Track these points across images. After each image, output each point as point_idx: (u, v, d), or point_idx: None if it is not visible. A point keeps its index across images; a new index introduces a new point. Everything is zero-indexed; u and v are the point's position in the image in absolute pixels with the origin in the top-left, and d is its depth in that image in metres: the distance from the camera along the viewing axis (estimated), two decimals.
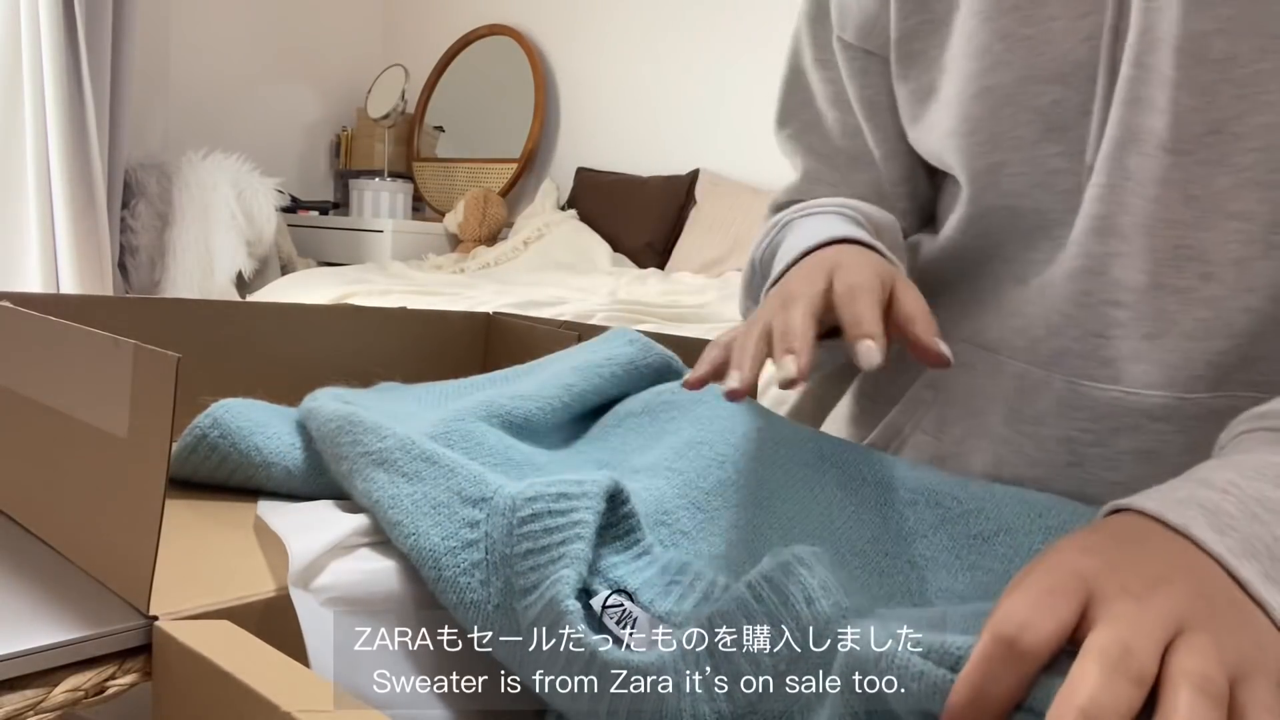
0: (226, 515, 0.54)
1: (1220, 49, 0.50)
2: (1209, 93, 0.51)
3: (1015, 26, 0.56)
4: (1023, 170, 0.58)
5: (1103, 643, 0.30)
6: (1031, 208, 0.58)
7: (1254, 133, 0.51)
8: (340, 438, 0.54)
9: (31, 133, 2.61)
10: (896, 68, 0.64)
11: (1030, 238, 0.59)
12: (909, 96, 0.64)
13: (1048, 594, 0.32)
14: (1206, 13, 0.51)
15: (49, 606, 0.41)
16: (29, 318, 0.50)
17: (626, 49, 3.24)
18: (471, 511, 0.46)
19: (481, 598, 0.43)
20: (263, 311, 0.83)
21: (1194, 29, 0.51)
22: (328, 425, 0.56)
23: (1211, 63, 0.51)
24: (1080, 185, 0.56)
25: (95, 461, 0.44)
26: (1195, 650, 0.31)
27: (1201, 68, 0.51)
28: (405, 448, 0.51)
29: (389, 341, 0.89)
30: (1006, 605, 0.32)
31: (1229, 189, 0.52)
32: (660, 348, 0.70)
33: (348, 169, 3.64)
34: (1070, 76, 0.55)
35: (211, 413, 0.58)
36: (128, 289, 2.85)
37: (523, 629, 0.42)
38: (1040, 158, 0.57)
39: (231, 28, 3.39)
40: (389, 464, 0.51)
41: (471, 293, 2.18)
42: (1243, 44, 0.50)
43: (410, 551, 0.46)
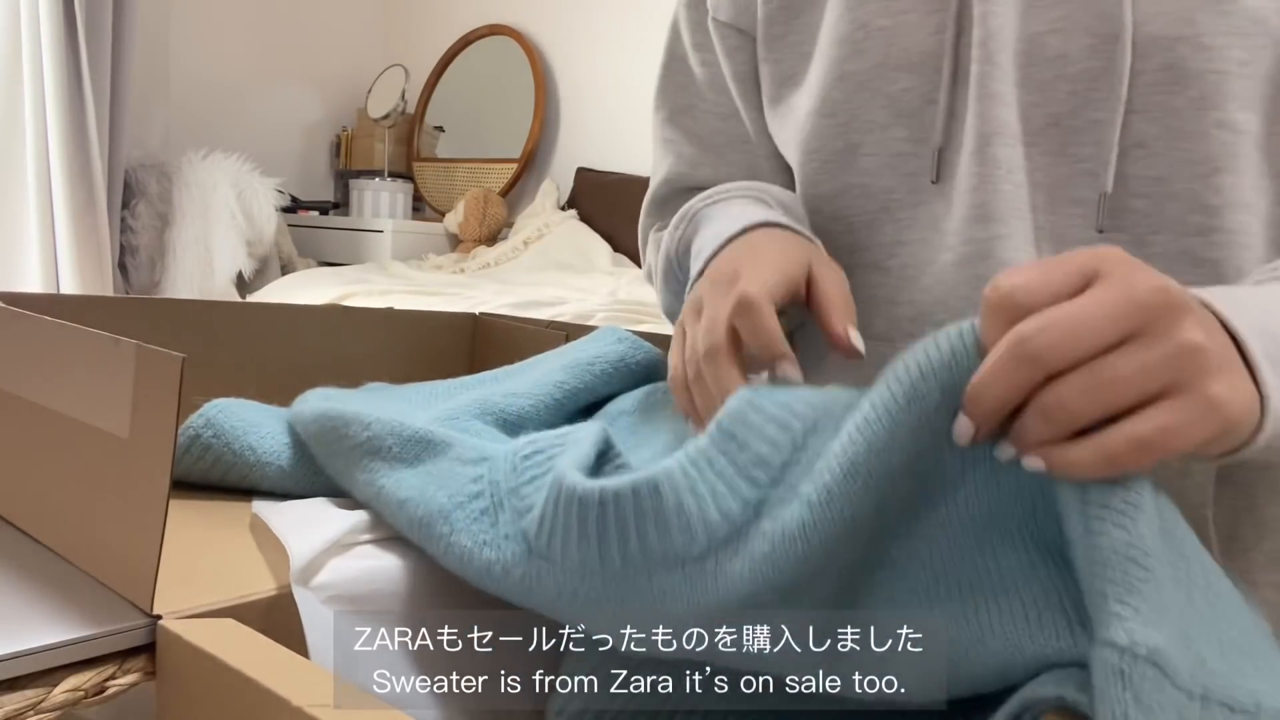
0: (222, 515, 0.54)
1: (1054, 47, 0.56)
2: (1045, 89, 0.56)
3: (873, 17, 0.61)
4: (874, 152, 0.62)
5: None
6: (880, 187, 0.62)
7: (1087, 127, 0.56)
8: (327, 436, 0.54)
9: (32, 133, 2.61)
10: (761, 49, 0.69)
11: (876, 221, 0.63)
12: (770, 77, 0.68)
13: (1057, 262, 0.36)
14: (1041, 14, 0.56)
15: (49, 606, 0.41)
16: (27, 318, 0.50)
17: (627, 49, 3.24)
18: (473, 469, 0.47)
19: (493, 536, 0.44)
20: (251, 312, 0.84)
21: (1030, 30, 0.56)
22: (312, 426, 0.56)
23: (1045, 61, 0.56)
24: (923, 169, 0.60)
25: (98, 462, 0.44)
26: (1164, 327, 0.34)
27: (1036, 66, 0.56)
28: (395, 432, 0.52)
29: (376, 342, 0.90)
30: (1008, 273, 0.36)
31: (1068, 177, 0.57)
32: (649, 345, 0.70)
33: (348, 169, 3.64)
34: (919, 66, 0.59)
35: (204, 413, 0.58)
36: (128, 289, 2.84)
37: (532, 539, 0.42)
38: (889, 140, 0.61)
39: (231, 28, 3.39)
40: (383, 451, 0.51)
41: (471, 293, 2.18)
42: (1073, 43, 0.55)
43: (422, 520, 0.46)
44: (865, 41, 0.61)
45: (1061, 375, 0.34)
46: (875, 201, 0.63)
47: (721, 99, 0.73)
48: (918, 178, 0.61)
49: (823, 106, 0.63)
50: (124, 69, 2.77)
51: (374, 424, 0.52)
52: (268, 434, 0.58)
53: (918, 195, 0.61)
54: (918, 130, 0.60)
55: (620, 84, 3.26)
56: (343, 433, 0.53)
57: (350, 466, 0.52)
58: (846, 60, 0.62)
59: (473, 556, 0.44)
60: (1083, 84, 0.55)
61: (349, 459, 0.53)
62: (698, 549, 0.38)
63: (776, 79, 0.68)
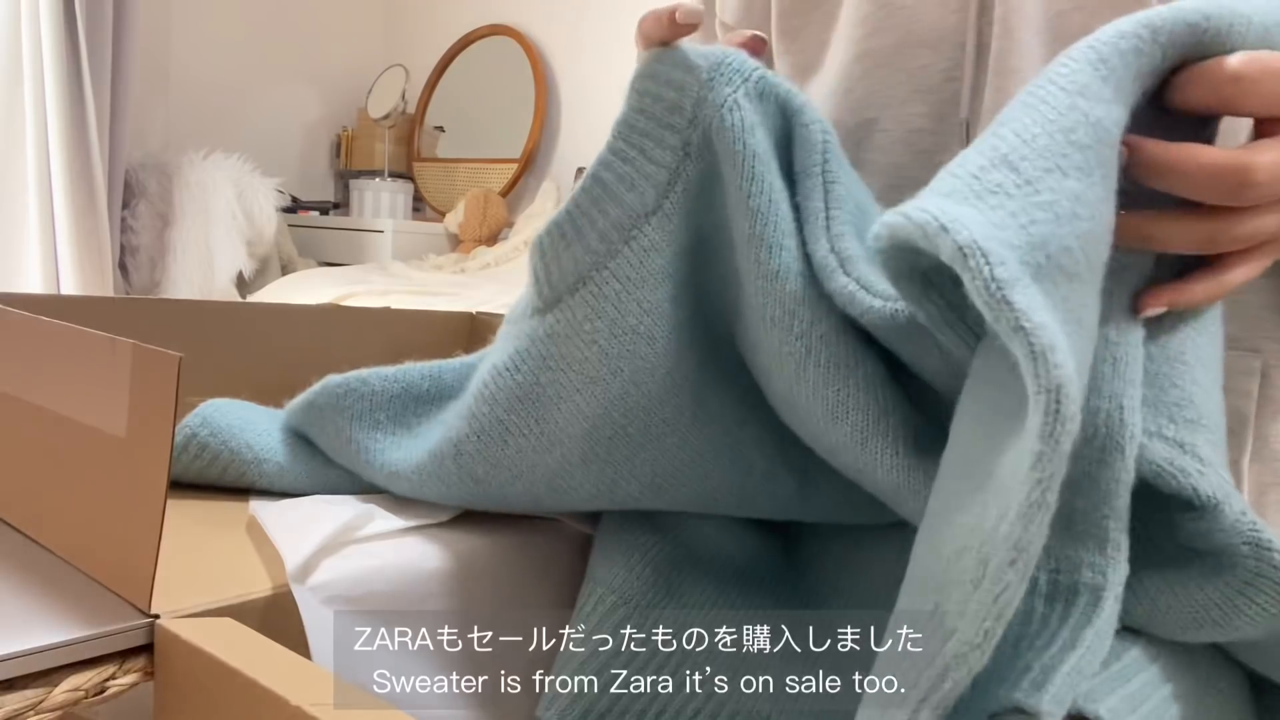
0: (219, 514, 0.54)
1: (1079, 24, 0.55)
2: None
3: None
4: (889, 127, 0.62)
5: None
6: (891, 164, 0.62)
7: None
8: (327, 409, 0.55)
9: (32, 133, 2.61)
10: (778, 43, 0.69)
11: (883, 198, 0.63)
12: (787, 72, 0.69)
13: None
14: None
15: (49, 606, 0.41)
16: (25, 318, 0.50)
17: (627, 49, 3.23)
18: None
19: (514, 333, 0.47)
20: (248, 312, 0.84)
21: (1055, 7, 0.56)
22: (308, 411, 0.57)
23: (1070, 37, 0.56)
24: (939, 146, 0.60)
25: (95, 462, 0.44)
26: None
27: (1060, 43, 0.56)
28: (394, 375, 0.54)
29: (373, 341, 0.90)
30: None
31: None
32: None
33: (348, 169, 3.64)
34: (940, 43, 0.59)
35: (200, 412, 0.58)
36: (128, 289, 2.84)
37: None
38: (906, 116, 0.61)
39: (232, 28, 3.39)
40: (405, 394, 0.54)
41: (471, 293, 2.18)
42: (1098, 20, 0.55)
43: (483, 385, 0.48)
44: (887, 20, 0.61)
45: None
46: (885, 178, 0.63)
47: None
48: (932, 155, 0.61)
49: (840, 84, 0.63)
50: (124, 69, 2.77)
51: (370, 377, 0.55)
52: (264, 432, 0.58)
53: (931, 172, 0.60)
54: (936, 106, 0.60)
55: (620, 84, 3.25)
56: (346, 389, 0.55)
57: (368, 414, 0.54)
58: (866, 39, 0.62)
59: (503, 357, 0.48)
60: None
61: (359, 417, 0.54)
62: (650, 202, 0.43)
63: (796, 71, 0.68)
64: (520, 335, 0.46)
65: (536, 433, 0.46)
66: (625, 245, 0.44)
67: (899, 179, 0.62)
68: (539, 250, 0.45)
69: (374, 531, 0.50)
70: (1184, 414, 0.39)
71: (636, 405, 0.45)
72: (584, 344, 0.44)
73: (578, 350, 0.44)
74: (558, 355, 0.45)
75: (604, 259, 0.44)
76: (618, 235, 0.44)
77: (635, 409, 0.45)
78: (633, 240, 0.44)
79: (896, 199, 0.63)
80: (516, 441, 0.47)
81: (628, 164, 0.44)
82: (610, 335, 0.44)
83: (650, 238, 0.44)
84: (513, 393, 0.46)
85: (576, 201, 0.45)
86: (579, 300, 0.44)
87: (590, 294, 0.44)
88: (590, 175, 0.45)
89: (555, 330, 0.44)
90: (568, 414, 0.45)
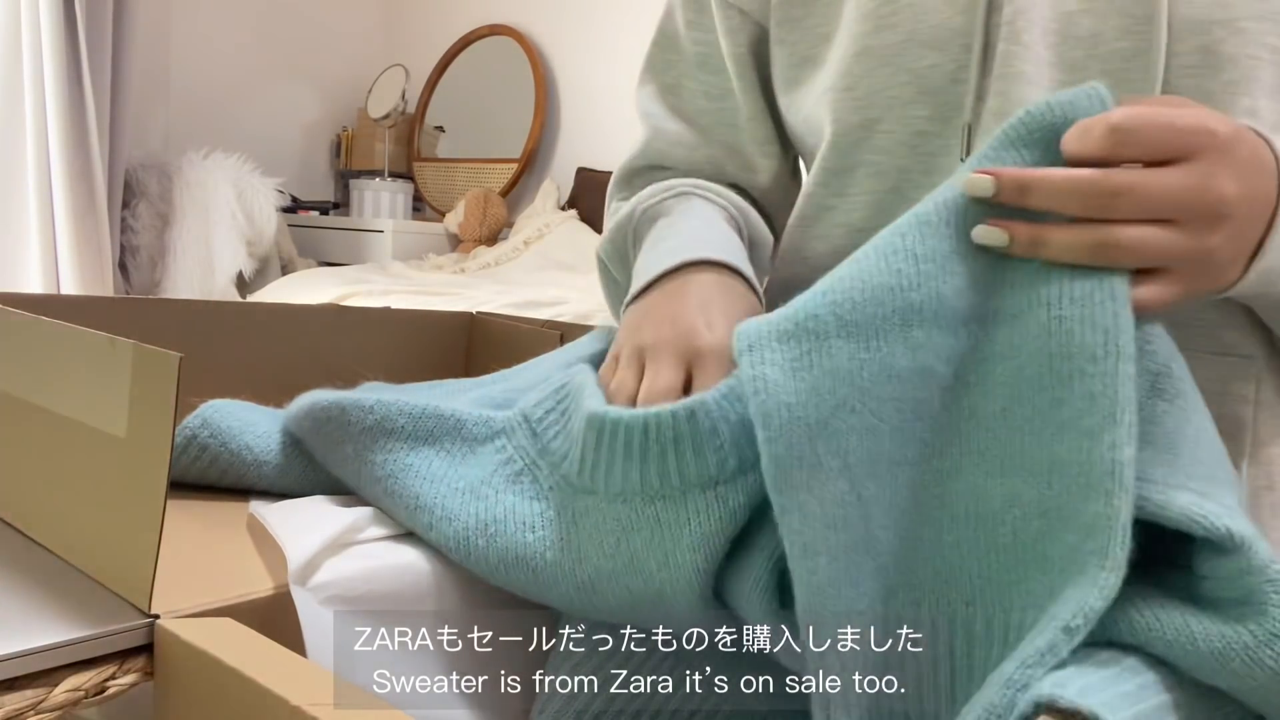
0: (219, 515, 0.54)
1: (1087, 27, 0.56)
2: (1077, 69, 0.56)
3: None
4: (892, 129, 0.61)
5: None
6: (894, 166, 0.61)
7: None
8: (327, 426, 0.54)
9: (32, 133, 2.61)
10: (776, 30, 0.67)
11: (885, 201, 0.62)
12: (787, 60, 0.67)
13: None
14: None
15: (49, 606, 0.41)
16: (25, 318, 0.50)
17: (626, 49, 3.23)
18: (493, 444, 0.51)
19: (536, 491, 0.47)
20: (248, 312, 0.84)
21: (1063, 8, 0.56)
22: (306, 421, 0.56)
23: (1077, 39, 0.56)
24: (942, 148, 0.59)
25: (96, 462, 0.44)
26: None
27: (1068, 45, 0.56)
28: (404, 411, 0.53)
29: (373, 341, 0.90)
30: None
31: None
32: None
33: (348, 169, 3.64)
34: (947, 43, 0.59)
35: (200, 413, 0.58)
36: (128, 289, 2.84)
37: (574, 478, 0.46)
38: (909, 118, 0.60)
39: (232, 28, 3.39)
40: (397, 431, 0.52)
41: (472, 293, 2.18)
42: (1107, 23, 0.55)
43: (464, 489, 0.49)
44: (892, 17, 0.60)
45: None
46: (887, 180, 0.62)
47: (714, 79, 0.72)
48: (936, 158, 0.60)
49: (841, 81, 0.62)
50: (124, 69, 2.77)
51: (376, 406, 0.53)
52: (264, 434, 0.58)
53: (933, 176, 0.60)
54: (940, 109, 0.59)
55: (620, 84, 3.25)
56: (345, 419, 0.54)
57: (364, 450, 0.52)
58: (871, 35, 0.60)
59: (518, 509, 0.47)
60: (1115, 64, 0.55)
61: (359, 443, 0.53)
62: (729, 471, 0.42)
63: (794, 61, 0.67)
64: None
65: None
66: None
67: (901, 182, 0.61)
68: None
69: (377, 534, 0.50)
70: (1199, 472, 0.41)
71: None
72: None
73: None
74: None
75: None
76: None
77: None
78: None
79: (898, 203, 0.62)
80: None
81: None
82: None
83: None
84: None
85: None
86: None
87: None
88: None
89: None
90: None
